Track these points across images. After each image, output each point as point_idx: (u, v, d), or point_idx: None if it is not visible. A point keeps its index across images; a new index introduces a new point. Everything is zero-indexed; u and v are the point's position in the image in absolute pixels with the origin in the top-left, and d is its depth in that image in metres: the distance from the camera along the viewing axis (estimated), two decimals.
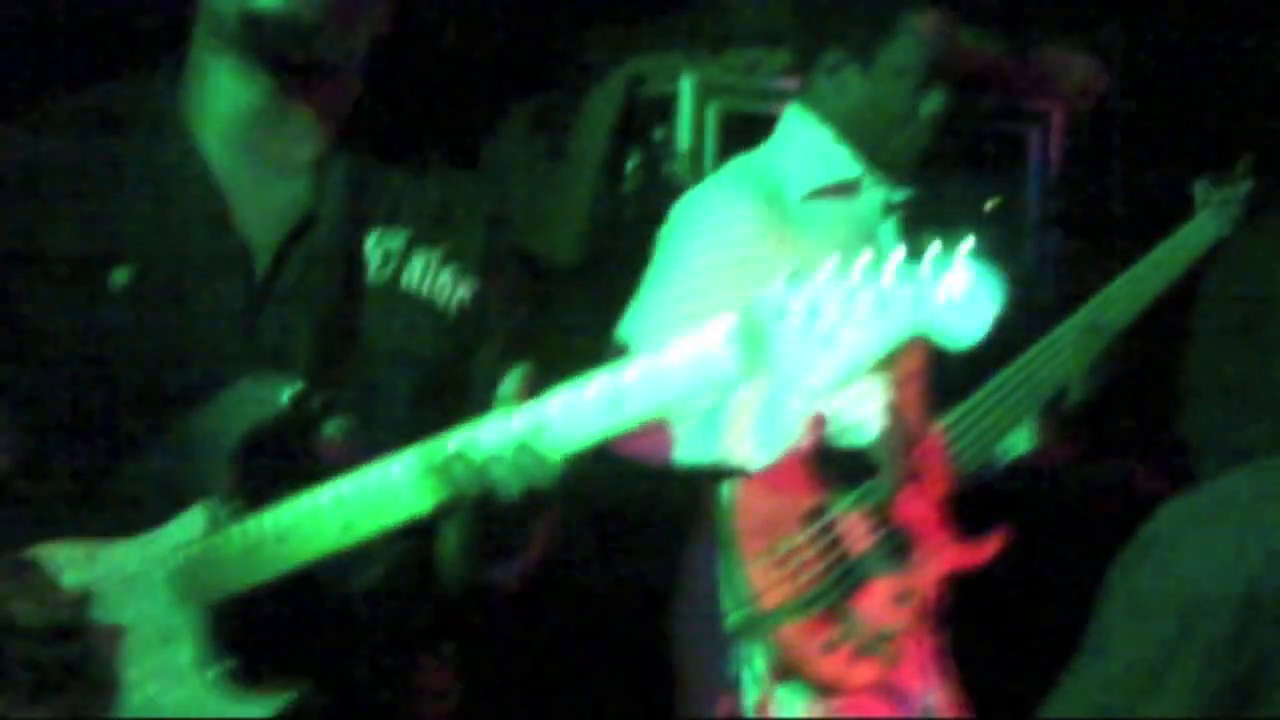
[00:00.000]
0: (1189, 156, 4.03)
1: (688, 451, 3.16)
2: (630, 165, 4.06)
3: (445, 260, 2.40)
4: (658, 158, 3.96)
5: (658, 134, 3.99)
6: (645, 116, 4.06)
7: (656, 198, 3.79)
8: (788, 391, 2.10)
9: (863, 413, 3.14)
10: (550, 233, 4.07)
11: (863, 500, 3.22)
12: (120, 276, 2.26)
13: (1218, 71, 4.65)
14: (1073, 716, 2.24)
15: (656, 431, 3.14)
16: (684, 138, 3.93)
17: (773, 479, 3.17)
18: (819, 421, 3.12)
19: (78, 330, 2.26)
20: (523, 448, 2.11)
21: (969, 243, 2.02)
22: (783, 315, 2.04)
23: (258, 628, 2.21)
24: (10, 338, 2.29)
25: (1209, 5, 4.67)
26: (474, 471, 2.11)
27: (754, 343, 2.05)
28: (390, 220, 2.38)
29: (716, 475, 3.17)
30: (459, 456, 2.12)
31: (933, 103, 3.40)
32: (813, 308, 2.03)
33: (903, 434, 3.23)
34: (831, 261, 2.01)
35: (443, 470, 2.11)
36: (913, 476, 3.28)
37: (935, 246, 2.01)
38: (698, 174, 3.86)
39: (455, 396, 2.34)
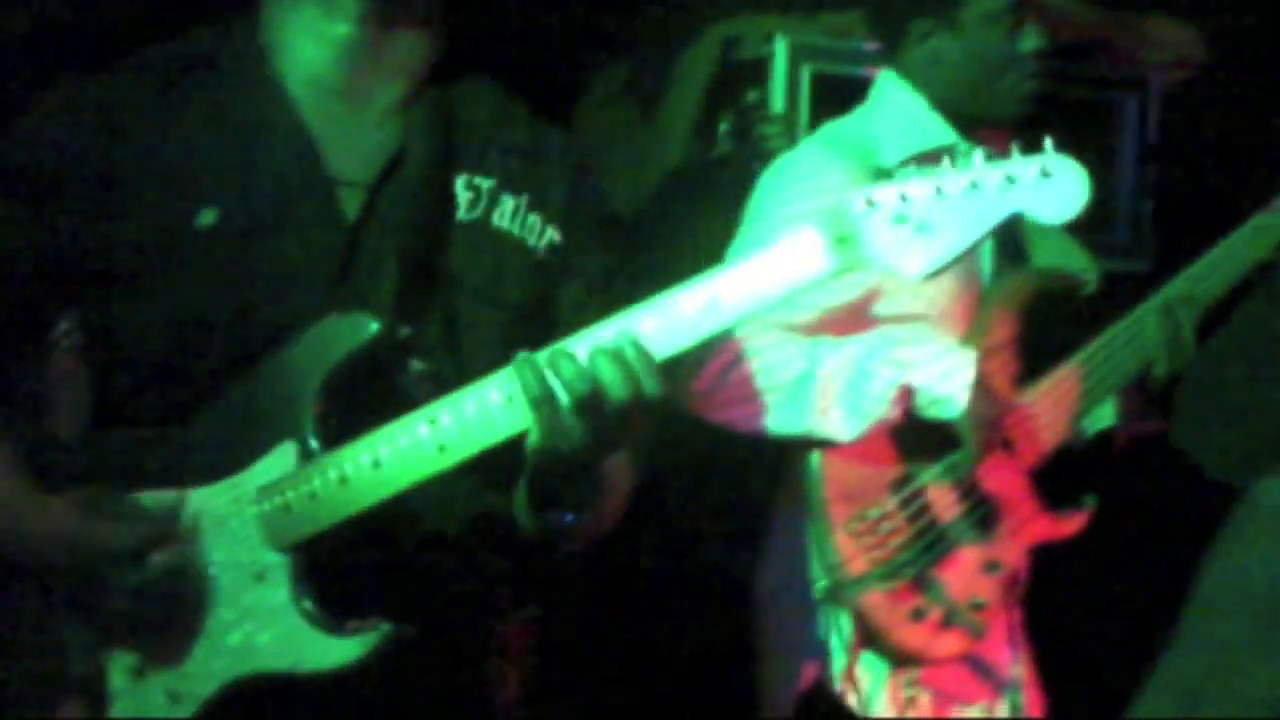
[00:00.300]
0: None
1: (777, 421, 3.15)
2: (721, 128, 4.03)
3: (533, 205, 2.41)
4: (749, 121, 3.92)
5: (750, 97, 3.95)
6: (737, 79, 4.03)
7: (747, 161, 3.77)
8: (886, 272, 2.04)
9: (951, 386, 3.11)
10: (640, 195, 4.06)
11: (950, 470, 3.20)
12: (207, 218, 2.28)
13: None
14: (1175, 686, 2.22)
15: (747, 401, 3.13)
16: (777, 101, 3.89)
17: (860, 447, 3.16)
18: (907, 393, 3.11)
19: (165, 272, 2.28)
20: (629, 342, 2.08)
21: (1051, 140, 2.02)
22: (874, 206, 2.03)
23: (347, 568, 2.23)
24: (99, 280, 2.31)
25: None
26: (579, 369, 2.08)
27: (846, 236, 2.04)
28: (479, 163, 2.40)
29: (805, 446, 3.16)
30: (563, 353, 2.09)
31: (1030, 40, 3.35)
32: (903, 195, 2.02)
33: (990, 404, 3.20)
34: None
35: (547, 368, 2.09)
36: (1000, 447, 3.27)
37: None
38: (790, 138, 3.82)
39: (539, 340, 2.31)
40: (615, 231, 2.53)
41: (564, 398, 2.09)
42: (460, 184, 2.38)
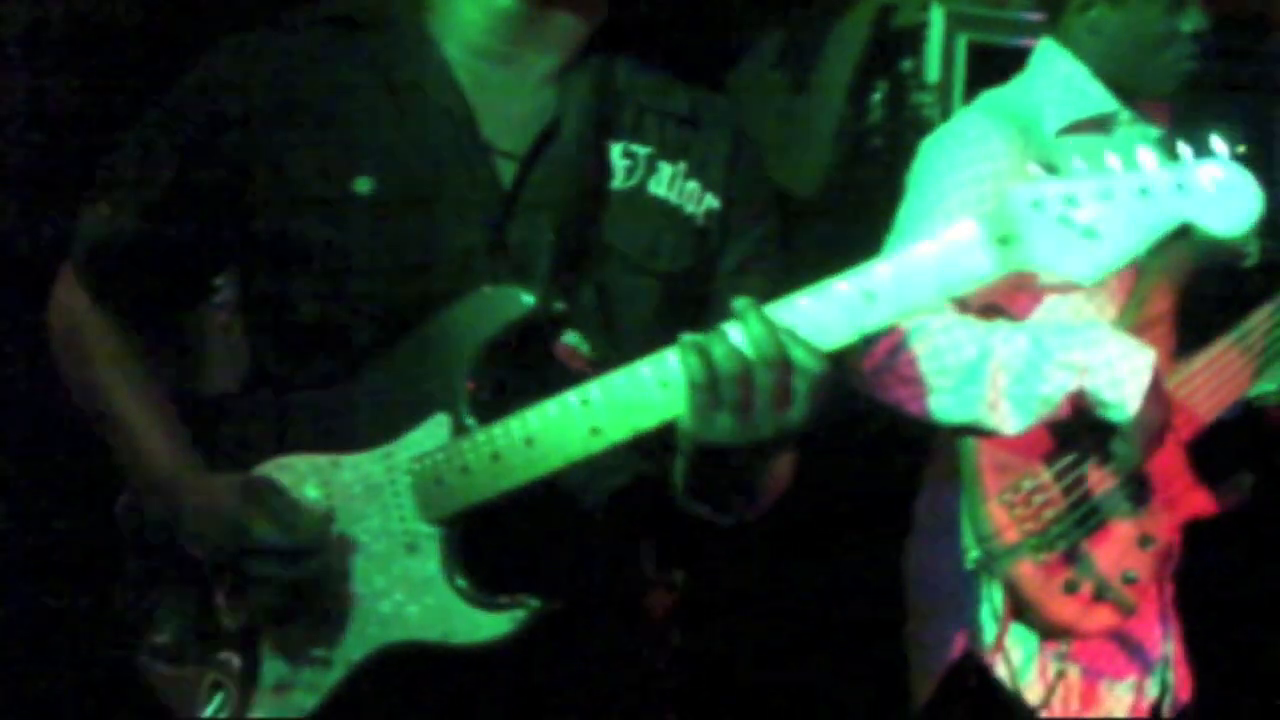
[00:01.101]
0: None
1: (944, 407, 3.12)
2: (875, 97, 4.01)
3: (691, 172, 2.38)
4: (904, 89, 3.90)
5: (905, 65, 3.93)
6: (892, 48, 4.01)
7: (901, 130, 3.75)
8: (1048, 276, 2.01)
9: (1125, 393, 3.05)
10: (792, 165, 4.05)
11: (1109, 456, 3.17)
12: (364, 185, 2.27)
13: None
14: None
15: (915, 383, 3.11)
16: (933, 70, 3.87)
17: None
18: (1079, 396, 3.06)
19: (322, 237, 2.28)
20: (785, 331, 2.05)
21: (1226, 142, 1.98)
22: (1040, 206, 1.99)
23: (497, 539, 2.23)
24: (257, 241, 2.32)
25: None
26: (732, 351, 2.05)
27: (1009, 236, 2.01)
28: (635, 131, 2.38)
29: (972, 433, 3.13)
30: (718, 334, 2.06)
31: (1192, 20, 3.30)
32: (1070, 197, 1.99)
33: (1162, 410, 3.14)
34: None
35: (700, 349, 2.06)
36: None
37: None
38: (945, 107, 3.81)
39: (695, 311, 2.31)
40: (773, 200, 2.49)
41: (723, 388, 2.05)
42: (616, 152, 2.36)
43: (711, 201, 2.38)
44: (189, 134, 2.34)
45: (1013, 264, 2.01)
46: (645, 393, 2.11)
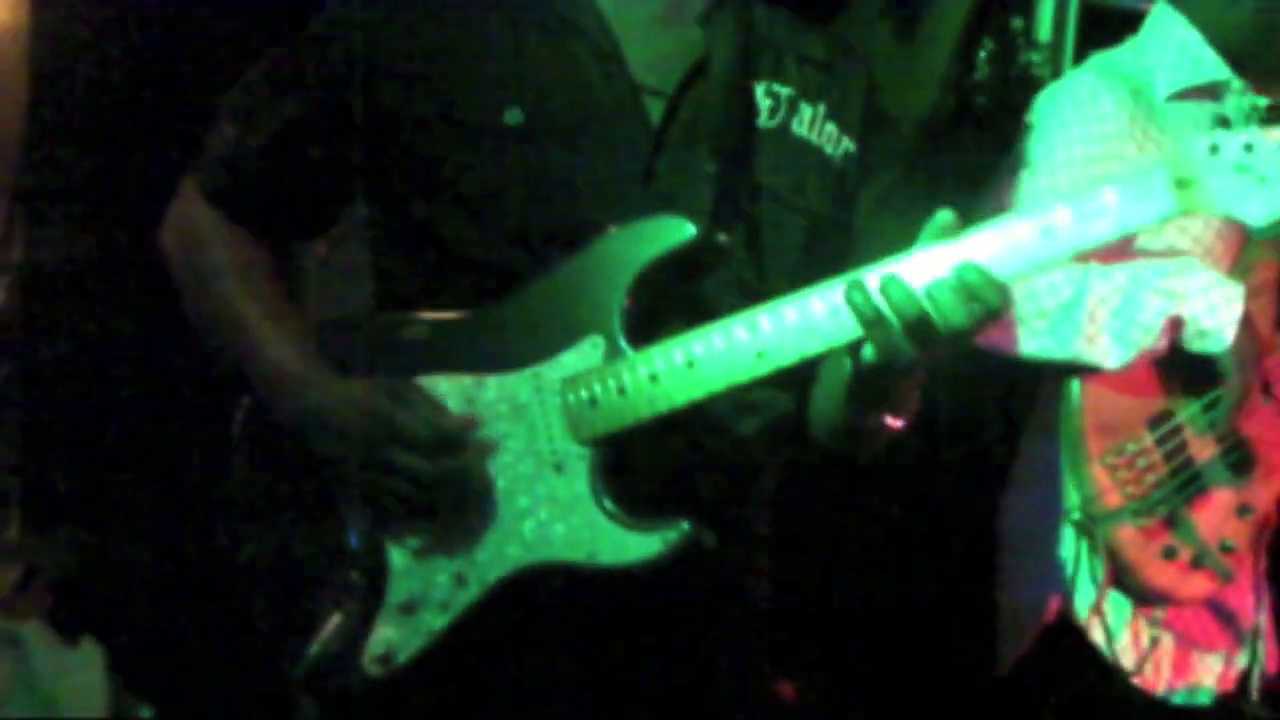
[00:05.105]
0: None
1: (1043, 346, 3.11)
2: (982, 54, 3.98)
3: (830, 114, 2.42)
4: (1013, 47, 3.87)
5: (1016, 23, 3.90)
6: (1003, 4, 3.98)
7: (1007, 88, 3.72)
8: (1227, 217, 2.09)
9: (1220, 320, 3.05)
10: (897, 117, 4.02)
11: (1209, 409, 3.15)
12: (513, 117, 2.31)
13: None
14: None
15: (1013, 325, 3.10)
16: (1044, 29, 3.84)
17: (1121, 378, 3.12)
18: (1176, 324, 3.05)
19: (472, 167, 2.31)
20: (970, 269, 2.09)
21: None
22: (1217, 152, 2.05)
23: (645, 466, 2.26)
24: (408, 174, 2.35)
25: None
26: (911, 296, 2.10)
27: (1187, 180, 2.06)
28: (777, 72, 2.42)
29: (1071, 371, 3.13)
30: (895, 280, 2.11)
31: None
32: (1248, 145, 2.05)
33: (1253, 345, 3.14)
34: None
35: (879, 293, 2.11)
36: (1260, 389, 3.21)
37: None
38: (1055, 67, 3.78)
39: (837, 248, 2.35)
40: (903, 144, 2.55)
41: (895, 322, 2.10)
42: (760, 91, 2.40)
43: (848, 144, 2.42)
44: (321, 69, 2.38)
45: (1191, 205, 2.07)
46: (814, 321, 2.14)
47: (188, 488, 3.53)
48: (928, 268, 2.10)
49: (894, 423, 2.32)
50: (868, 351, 2.16)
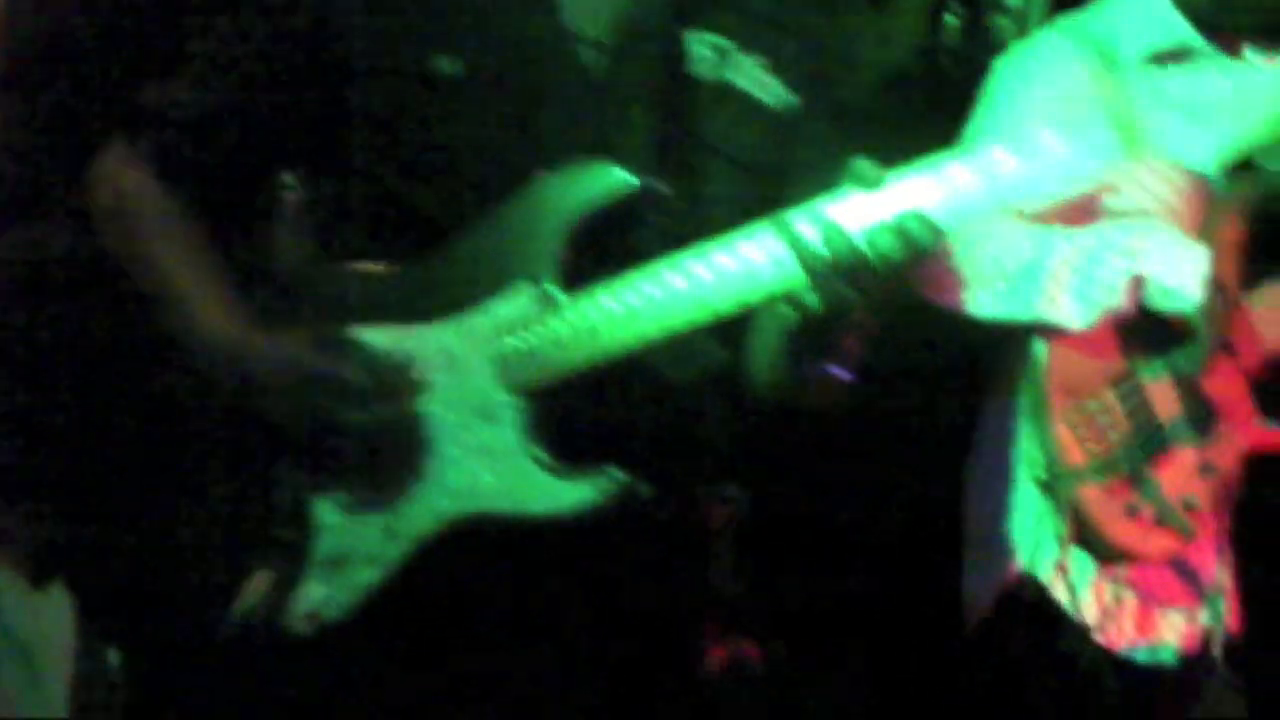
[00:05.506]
0: None
1: (1006, 307, 3.13)
2: (949, 20, 3.98)
3: (772, 68, 2.39)
4: (981, 11, 3.87)
5: None
6: None
7: (977, 54, 3.73)
8: (1172, 160, 2.09)
9: (1184, 278, 3.07)
10: (864, 84, 4.02)
11: (1172, 368, 3.17)
12: (446, 65, 2.28)
13: None
14: None
15: (971, 285, 3.12)
16: None
17: (1086, 339, 3.13)
18: (1138, 283, 3.07)
19: (402, 117, 2.29)
20: (912, 215, 2.04)
21: None
22: (1159, 98, 2.03)
23: (574, 417, 2.23)
24: (328, 127, 2.32)
25: None
26: (850, 243, 2.06)
27: (1127, 126, 2.04)
28: (715, 23, 2.37)
29: (1033, 331, 3.14)
30: (833, 226, 2.07)
31: None
32: (1189, 83, 2.03)
33: (1218, 305, 3.16)
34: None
35: (821, 238, 2.07)
36: (1224, 349, 3.23)
37: None
38: (1023, 31, 3.78)
39: (775, 201, 2.26)
40: (848, 110, 2.51)
41: (837, 267, 2.06)
42: (697, 41, 2.36)
43: (790, 99, 2.39)
44: (262, 20, 2.35)
45: (1135, 149, 2.04)
46: (753, 269, 2.10)
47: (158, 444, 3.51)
48: (864, 210, 2.06)
49: (841, 374, 2.30)
50: (809, 298, 2.12)
